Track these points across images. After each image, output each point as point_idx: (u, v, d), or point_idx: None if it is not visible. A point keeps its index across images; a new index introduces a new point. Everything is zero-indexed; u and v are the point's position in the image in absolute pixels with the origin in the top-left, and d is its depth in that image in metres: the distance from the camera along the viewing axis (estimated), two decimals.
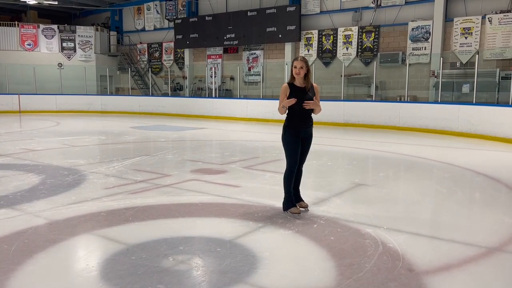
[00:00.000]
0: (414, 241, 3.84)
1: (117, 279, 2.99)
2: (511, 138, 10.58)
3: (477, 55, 13.44)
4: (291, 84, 4.46)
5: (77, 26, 23.84)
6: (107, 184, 5.86)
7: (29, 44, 22.84)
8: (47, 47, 23.17)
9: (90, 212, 4.54)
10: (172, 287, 2.87)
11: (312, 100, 4.45)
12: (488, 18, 14.18)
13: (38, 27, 23.07)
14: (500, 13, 14.02)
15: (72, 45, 23.49)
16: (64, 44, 23.39)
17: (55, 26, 23.39)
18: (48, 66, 22.05)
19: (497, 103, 13.09)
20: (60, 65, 22.02)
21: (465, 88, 13.89)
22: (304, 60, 4.42)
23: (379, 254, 3.46)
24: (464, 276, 3.16)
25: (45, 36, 23.12)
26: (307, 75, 4.43)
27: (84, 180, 6.05)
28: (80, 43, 23.56)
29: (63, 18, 26.28)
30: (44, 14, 25.55)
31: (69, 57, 23.39)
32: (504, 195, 5.74)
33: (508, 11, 13.88)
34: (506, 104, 11.63)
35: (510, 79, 11.57)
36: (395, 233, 3.96)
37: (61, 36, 23.33)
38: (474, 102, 12.50)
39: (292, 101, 4.32)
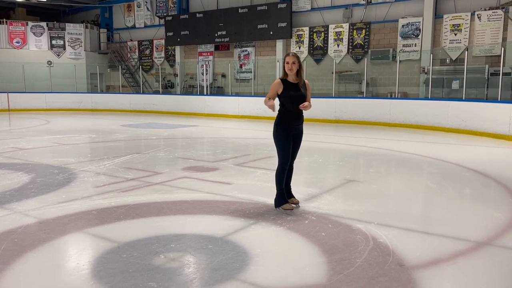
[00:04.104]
0: (404, 236, 3.87)
1: (108, 277, 2.98)
2: (500, 134, 10.70)
3: (466, 52, 13.56)
4: (284, 80, 4.45)
5: (66, 24, 23.61)
6: (98, 182, 5.83)
7: (17, 42, 22.58)
8: (36, 45, 22.92)
9: (80, 211, 4.51)
10: (163, 285, 2.87)
11: (305, 96, 4.47)
12: (477, 14, 14.30)
13: (27, 24, 22.80)
14: (489, 9, 14.14)
15: (62, 42, 23.26)
16: (54, 42, 23.15)
17: (44, 24, 23.14)
18: (37, 64, 21.83)
19: (486, 99, 13.22)
20: (49, 63, 21.80)
21: (455, 85, 14.01)
22: (296, 56, 4.42)
23: (370, 249, 3.49)
24: (453, 270, 3.19)
25: (34, 33, 22.86)
26: (299, 71, 4.44)
27: (75, 179, 6.01)
28: (70, 40, 23.35)
29: (52, 15, 25.99)
30: (33, 11, 25.24)
31: (58, 55, 23.16)
32: (493, 190, 5.80)
33: (497, 8, 14.00)
34: (495, 100, 11.75)
35: (499, 76, 11.68)
36: (386, 229, 3.99)
37: (50, 34, 23.09)
38: (463, 98, 12.61)
39: (271, 104, 4.26)
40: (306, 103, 4.38)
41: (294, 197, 4.75)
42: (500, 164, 7.66)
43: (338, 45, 17.28)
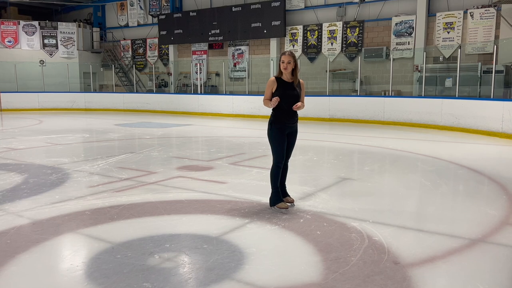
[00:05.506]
0: (399, 234, 3.88)
1: (103, 278, 2.96)
2: (493, 131, 10.77)
3: (459, 50, 13.62)
4: (278, 79, 4.44)
5: (58, 23, 23.43)
6: (92, 182, 5.79)
7: (9, 41, 22.38)
8: (28, 44, 22.73)
9: (74, 211, 4.48)
10: (158, 285, 2.85)
11: (299, 95, 4.47)
12: (469, 12, 14.37)
13: (19, 23, 22.60)
14: (481, 8, 14.22)
15: (54, 41, 23.09)
16: (46, 41, 22.97)
17: (36, 23, 22.95)
18: (30, 63, 21.65)
19: (479, 97, 13.30)
20: (42, 62, 21.63)
21: (448, 82, 14.09)
22: (292, 55, 4.40)
23: (365, 247, 3.49)
24: (448, 267, 3.20)
25: (25, 32, 22.67)
26: (294, 70, 4.42)
27: (68, 179, 5.96)
28: (62, 39, 23.18)
29: (44, 14, 25.79)
30: (25, 10, 25.03)
31: (51, 54, 22.99)
32: (487, 187, 5.83)
33: (489, 6, 14.08)
34: (488, 97, 11.82)
35: (492, 73, 11.75)
36: (381, 227, 4.00)
37: (42, 33, 22.90)
38: (457, 96, 12.68)
39: (276, 100, 4.30)
40: (299, 104, 4.37)
41: (289, 196, 4.75)
42: (494, 161, 7.71)
43: (332, 44, 17.30)
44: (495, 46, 12.00)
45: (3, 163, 7.12)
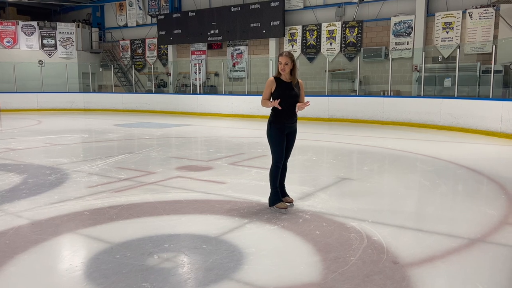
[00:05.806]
0: (398, 234, 3.88)
1: (102, 279, 2.95)
2: (492, 131, 10.78)
3: (458, 50, 13.63)
4: (277, 78, 4.44)
5: (57, 23, 23.41)
6: (91, 182, 5.79)
7: (8, 41, 22.36)
8: (27, 44, 22.70)
9: (73, 211, 4.47)
10: (157, 285, 2.85)
11: (298, 95, 4.47)
12: (468, 12, 14.39)
13: (17, 23, 22.58)
14: (480, 7, 14.23)
15: (53, 42, 23.06)
16: (45, 41, 22.95)
17: (34, 23, 22.93)
18: (29, 64, 21.63)
19: (478, 97, 13.31)
20: (40, 62, 21.61)
21: (447, 82, 14.10)
22: (290, 56, 4.39)
23: (364, 247, 3.49)
24: (447, 267, 3.20)
25: (24, 33, 22.65)
26: (293, 71, 4.42)
27: (67, 179, 5.96)
28: (61, 40, 23.16)
29: (43, 15, 25.77)
30: (24, 11, 25.00)
31: (50, 54, 22.96)
32: (486, 187, 5.84)
33: (488, 6, 14.09)
34: (486, 97, 11.84)
35: (490, 73, 11.76)
36: (380, 226, 4.00)
37: (41, 33, 22.88)
38: (456, 95, 12.69)
39: (276, 103, 4.29)
40: (300, 104, 4.36)
41: (288, 196, 4.75)
42: (493, 161, 7.71)
43: (331, 44, 17.30)
44: (494, 46, 12.02)
45: (2, 164, 7.11)
